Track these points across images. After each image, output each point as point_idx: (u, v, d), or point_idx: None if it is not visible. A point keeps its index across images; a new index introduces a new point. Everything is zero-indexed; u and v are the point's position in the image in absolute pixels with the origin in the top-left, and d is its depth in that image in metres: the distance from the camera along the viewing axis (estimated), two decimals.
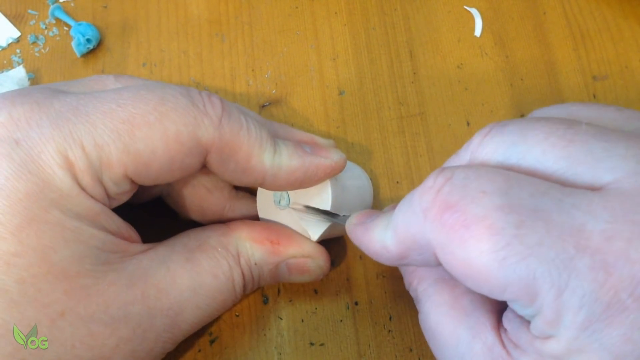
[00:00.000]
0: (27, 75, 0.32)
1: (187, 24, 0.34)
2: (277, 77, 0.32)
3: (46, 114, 0.21)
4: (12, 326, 0.19)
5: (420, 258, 0.20)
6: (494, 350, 0.19)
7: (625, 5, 0.33)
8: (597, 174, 0.17)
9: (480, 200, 0.17)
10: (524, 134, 0.19)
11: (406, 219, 0.20)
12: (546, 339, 0.17)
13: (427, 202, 0.19)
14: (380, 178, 0.30)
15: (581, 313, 0.16)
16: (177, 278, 0.23)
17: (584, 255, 0.16)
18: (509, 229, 0.17)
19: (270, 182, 0.24)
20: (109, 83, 0.24)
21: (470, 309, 0.21)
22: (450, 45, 0.33)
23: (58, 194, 0.20)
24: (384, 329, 0.27)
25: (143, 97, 0.22)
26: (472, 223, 0.17)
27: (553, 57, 0.33)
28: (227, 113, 0.23)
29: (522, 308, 0.17)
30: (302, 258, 0.26)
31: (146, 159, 0.21)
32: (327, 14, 0.34)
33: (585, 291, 0.16)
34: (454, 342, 0.21)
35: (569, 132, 0.18)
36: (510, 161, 0.19)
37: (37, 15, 0.34)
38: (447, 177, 0.19)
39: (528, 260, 0.16)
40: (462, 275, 0.18)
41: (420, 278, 0.23)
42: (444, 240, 0.18)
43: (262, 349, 0.27)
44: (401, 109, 0.31)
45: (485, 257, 0.17)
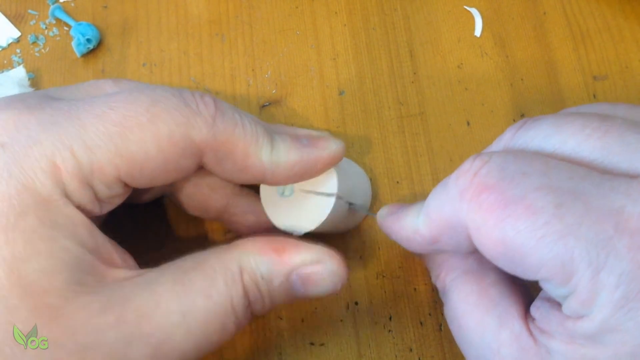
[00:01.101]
0: (27, 75, 0.32)
1: (187, 24, 0.34)
2: (277, 77, 0.32)
3: (36, 118, 0.20)
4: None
5: (452, 242, 0.20)
6: (521, 339, 0.19)
7: (625, 5, 0.33)
8: (633, 164, 0.18)
9: (519, 181, 0.18)
10: (558, 125, 0.19)
11: (440, 201, 0.20)
12: (578, 319, 0.17)
13: (464, 183, 0.19)
14: (380, 178, 0.30)
15: (618, 292, 0.16)
16: (162, 301, 0.20)
17: (622, 235, 0.16)
18: (548, 209, 0.17)
19: (270, 178, 0.23)
20: (107, 88, 0.24)
21: (498, 299, 0.21)
22: (450, 45, 0.33)
23: (37, 199, 0.19)
24: (384, 329, 0.27)
25: (135, 99, 0.21)
26: (511, 203, 0.17)
27: (553, 57, 0.33)
28: (221, 112, 0.22)
29: (555, 288, 0.18)
30: (312, 265, 0.23)
31: (139, 161, 0.21)
32: (327, 14, 0.34)
33: (623, 270, 0.16)
34: (481, 332, 0.21)
35: (605, 124, 0.19)
36: (546, 152, 0.19)
37: (37, 15, 0.34)
38: (485, 160, 0.19)
39: (567, 239, 0.17)
40: (496, 255, 0.18)
41: (449, 269, 0.23)
42: (480, 220, 0.18)
43: (262, 349, 0.27)
44: (401, 109, 0.31)
45: (523, 235, 0.17)
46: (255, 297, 0.22)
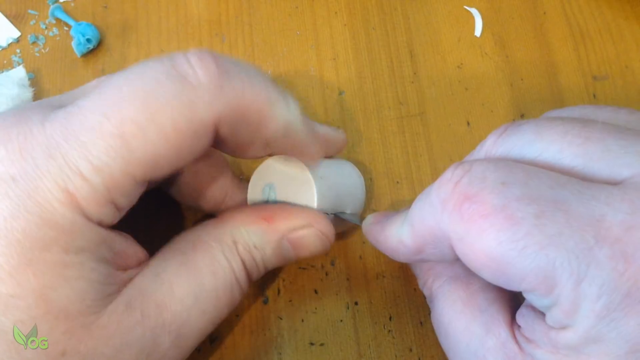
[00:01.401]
0: (27, 75, 0.32)
1: (187, 24, 0.34)
2: (277, 77, 0.32)
3: (38, 144, 0.20)
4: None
5: (436, 252, 0.20)
6: (506, 346, 0.19)
7: (625, 5, 0.33)
8: (614, 170, 0.18)
9: (499, 191, 0.17)
10: (540, 132, 0.19)
11: (423, 212, 0.20)
12: (562, 330, 0.17)
13: (445, 193, 0.19)
14: (380, 178, 0.30)
15: (600, 302, 0.16)
16: (175, 287, 0.22)
17: (603, 245, 0.16)
18: (528, 219, 0.17)
19: (284, 138, 0.22)
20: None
21: (485, 305, 0.21)
22: (450, 45, 0.33)
23: (59, 231, 0.19)
24: (384, 329, 0.27)
25: (126, 97, 0.20)
26: (492, 213, 0.17)
27: (553, 57, 0.33)
28: (226, 73, 0.20)
29: (538, 299, 0.18)
30: (301, 229, 0.24)
31: (151, 162, 0.20)
32: (327, 14, 0.34)
33: (604, 280, 0.16)
34: (467, 338, 0.21)
35: (585, 130, 0.18)
36: (527, 159, 0.19)
37: (37, 15, 0.34)
38: (466, 169, 0.19)
39: (547, 249, 0.16)
40: (479, 266, 0.18)
41: (436, 276, 0.23)
42: (461, 231, 0.18)
43: (262, 349, 0.27)
44: (401, 109, 0.31)
45: (505, 246, 0.17)
46: (252, 265, 0.24)
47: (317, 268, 0.28)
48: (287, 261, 0.25)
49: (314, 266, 0.28)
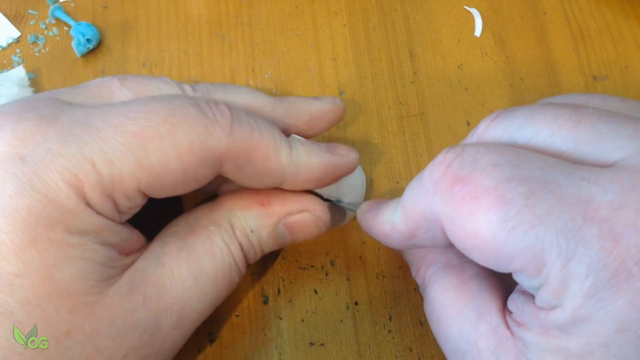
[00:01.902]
0: (27, 75, 0.32)
1: (187, 24, 0.34)
2: (277, 77, 0.32)
3: (53, 130, 0.20)
4: (18, 348, 0.19)
5: (428, 236, 0.20)
6: (498, 331, 0.20)
7: (625, 5, 0.33)
8: (604, 154, 0.18)
9: (490, 173, 0.18)
10: (531, 117, 0.19)
11: (415, 195, 0.20)
12: (551, 310, 0.17)
13: (437, 176, 0.19)
14: (380, 178, 0.30)
15: (587, 281, 0.16)
16: (175, 270, 0.22)
17: (592, 224, 0.16)
18: (518, 199, 0.17)
19: (291, 180, 0.23)
20: (114, 88, 0.24)
21: (477, 292, 0.21)
22: (450, 45, 0.33)
23: (63, 211, 0.20)
24: (384, 329, 0.27)
25: (153, 109, 0.21)
26: (482, 194, 0.17)
27: (553, 57, 0.33)
28: (237, 119, 0.22)
29: (528, 279, 0.18)
30: (297, 214, 0.25)
31: (159, 172, 0.21)
32: (327, 14, 0.34)
33: (592, 259, 0.16)
34: (459, 324, 0.21)
35: (576, 114, 0.19)
36: (519, 143, 0.19)
37: (37, 15, 0.34)
38: (458, 152, 0.19)
39: (537, 229, 0.17)
40: (469, 248, 0.18)
41: (429, 264, 0.24)
42: (452, 212, 0.18)
43: (262, 349, 0.27)
44: (401, 109, 0.31)
45: (495, 226, 0.17)
46: (248, 249, 0.24)
47: (317, 268, 0.28)
48: (283, 245, 0.26)
49: (314, 266, 0.28)
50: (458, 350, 0.21)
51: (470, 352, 0.20)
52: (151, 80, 0.24)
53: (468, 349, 0.20)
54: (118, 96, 0.23)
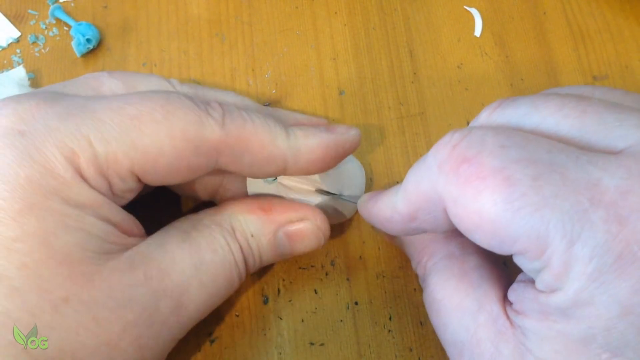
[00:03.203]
0: (27, 75, 0.32)
1: (187, 24, 0.34)
2: (277, 77, 0.32)
3: (53, 109, 0.21)
4: (14, 314, 0.19)
5: (429, 217, 0.20)
6: (497, 321, 0.20)
7: (625, 5, 0.33)
8: (611, 143, 0.18)
9: (499, 154, 0.18)
10: (536, 106, 0.19)
11: (418, 175, 0.20)
12: (552, 293, 0.17)
13: (442, 156, 0.19)
14: (380, 178, 0.30)
15: (592, 264, 0.16)
16: (177, 258, 0.22)
17: (598, 208, 0.16)
18: (525, 181, 0.17)
19: (293, 165, 0.24)
20: (103, 80, 0.25)
21: (478, 282, 0.21)
22: (450, 45, 0.33)
23: (60, 181, 0.20)
24: (384, 329, 0.27)
25: (150, 98, 0.22)
26: (489, 175, 0.17)
27: (553, 57, 0.33)
28: (229, 112, 0.23)
29: (529, 262, 0.18)
30: (297, 222, 0.25)
31: (153, 156, 0.21)
32: (327, 14, 0.34)
33: (597, 242, 0.16)
34: (459, 314, 0.21)
35: (582, 104, 0.19)
36: (524, 130, 0.19)
37: (37, 15, 0.34)
38: (465, 133, 0.19)
39: (542, 211, 0.17)
40: (472, 228, 0.18)
41: (430, 254, 0.24)
42: (457, 192, 0.18)
43: (262, 349, 0.27)
44: (401, 109, 0.31)
45: (500, 207, 0.17)
46: (248, 253, 0.24)
47: (317, 268, 0.28)
48: (282, 256, 0.26)
49: (314, 266, 0.28)
50: (457, 340, 0.21)
51: (470, 342, 0.20)
52: (139, 74, 0.26)
53: (467, 339, 0.20)
54: (108, 85, 0.24)
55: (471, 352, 0.20)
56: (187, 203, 0.30)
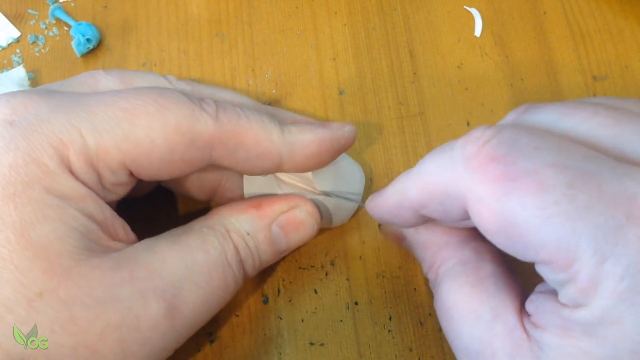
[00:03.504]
0: (27, 75, 0.32)
1: (187, 24, 0.34)
2: (277, 77, 0.32)
3: (45, 102, 0.21)
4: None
5: (440, 209, 0.20)
6: (514, 333, 0.19)
7: (625, 5, 0.33)
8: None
9: (531, 155, 0.17)
10: (567, 112, 0.19)
11: (439, 165, 0.19)
12: (576, 308, 0.17)
13: (471, 151, 0.18)
14: (380, 178, 0.30)
15: (623, 283, 0.15)
16: (167, 258, 0.22)
17: (634, 224, 0.15)
18: (559, 187, 0.16)
19: (288, 160, 0.23)
20: (100, 77, 0.25)
21: (494, 290, 0.20)
22: (450, 45, 0.33)
23: (43, 170, 0.20)
24: (384, 329, 0.27)
25: (143, 92, 0.22)
26: (521, 176, 0.17)
27: (553, 57, 0.33)
28: (222, 108, 0.23)
29: (552, 272, 0.17)
30: (289, 212, 0.25)
31: (146, 148, 0.21)
32: (327, 14, 0.34)
33: (631, 261, 0.15)
34: (472, 323, 0.20)
35: (615, 113, 0.18)
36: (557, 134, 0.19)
37: (37, 15, 0.34)
38: (497, 130, 0.18)
39: (575, 222, 0.16)
40: (494, 230, 0.18)
41: (443, 259, 0.23)
42: (482, 191, 0.17)
43: (262, 349, 0.27)
44: (401, 109, 0.31)
45: (529, 212, 0.16)
46: (246, 254, 0.24)
47: (317, 268, 0.28)
48: (279, 253, 0.25)
49: (314, 266, 0.28)
50: (470, 350, 0.20)
51: (484, 353, 0.19)
52: (136, 72, 0.26)
53: (481, 349, 0.19)
54: (104, 83, 0.24)
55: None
56: (184, 206, 0.30)
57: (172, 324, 0.21)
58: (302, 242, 0.26)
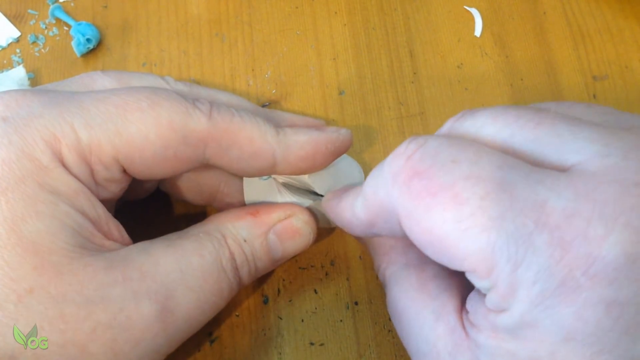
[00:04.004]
0: (27, 75, 0.32)
1: (187, 24, 0.34)
2: (277, 77, 0.32)
3: (38, 99, 0.21)
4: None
5: (387, 226, 0.20)
6: (455, 332, 0.19)
7: (625, 5, 0.33)
8: (563, 156, 0.17)
9: (449, 169, 0.17)
10: (494, 117, 0.19)
11: (375, 184, 0.20)
12: (500, 312, 0.17)
13: (396, 167, 0.19)
14: None
15: (535, 288, 0.16)
16: (161, 260, 0.21)
17: (542, 231, 0.16)
18: (474, 200, 0.17)
19: (282, 161, 0.23)
20: (96, 78, 0.25)
21: (436, 293, 0.21)
22: (450, 45, 0.33)
23: (36, 164, 0.20)
24: (384, 329, 0.27)
25: (137, 89, 0.22)
26: (439, 191, 0.17)
27: (553, 57, 0.33)
28: (216, 107, 0.23)
29: (478, 280, 0.18)
30: (285, 220, 0.25)
31: (139, 144, 0.21)
32: (327, 14, 0.34)
33: (540, 267, 0.16)
34: (419, 325, 0.21)
35: (538, 116, 0.18)
36: (482, 142, 0.19)
37: (37, 15, 0.34)
38: (420, 143, 0.19)
39: (489, 232, 0.16)
40: (424, 243, 0.18)
41: (390, 262, 0.23)
42: (409, 207, 0.18)
43: (262, 349, 0.27)
44: (401, 109, 0.31)
45: (449, 225, 0.17)
46: (242, 260, 0.24)
47: (317, 268, 0.28)
48: (275, 262, 0.25)
49: (314, 266, 0.28)
50: (419, 351, 0.21)
51: (430, 354, 0.20)
52: (134, 73, 0.26)
53: (428, 351, 0.20)
54: (100, 82, 0.24)
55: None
56: (182, 212, 0.30)
57: (164, 327, 0.21)
58: (298, 251, 0.26)
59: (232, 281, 0.23)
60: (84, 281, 0.19)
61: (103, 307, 0.20)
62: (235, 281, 0.24)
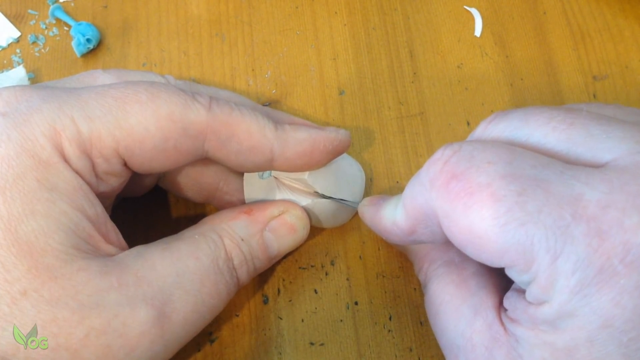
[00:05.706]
0: (27, 75, 0.32)
1: (187, 24, 0.34)
2: (277, 77, 0.32)
3: (37, 94, 0.21)
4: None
5: (427, 231, 0.21)
6: (492, 327, 0.20)
7: (625, 5, 0.33)
8: (597, 155, 0.18)
9: (485, 170, 0.18)
10: (526, 119, 0.20)
11: (414, 191, 0.21)
12: (540, 305, 0.18)
13: (434, 172, 0.19)
14: (380, 178, 0.30)
15: (574, 278, 0.17)
16: (157, 265, 0.21)
17: (579, 222, 0.17)
18: (510, 197, 0.17)
19: (280, 156, 0.24)
20: (97, 75, 0.25)
21: (475, 289, 0.22)
22: (450, 45, 0.33)
23: (36, 160, 0.20)
24: (384, 329, 0.27)
25: (135, 83, 0.22)
26: (476, 191, 0.18)
27: (553, 57, 0.33)
28: (215, 100, 0.23)
29: (518, 275, 0.18)
30: (280, 216, 0.25)
31: (139, 136, 0.21)
32: (327, 14, 0.34)
33: (579, 256, 0.17)
34: (456, 320, 0.21)
35: (570, 116, 0.19)
36: (515, 144, 0.20)
37: (37, 15, 0.34)
38: (455, 149, 0.19)
39: (527, 226, 0.17)
40: (463, 242, 0.19)
41: (431, 261, 0.24)
42: (448, 208, 0.19)
43: (262, 349, 0.27)
44: (401, 109, 0.31)
45: (487, 222, 0.18)
46: (240, 260, 0.24)
47: (317, 268, 0.28)
48: (271, 257, 0.25)
49: (314, 266, 0.28)
50: (453, 344, 0.21)
51: (465, 347, 0.21)
52: (134, 71, 0.26)
53: (463, 344, 0.21)
54: (101, 80, 0.24)
55: (466, 357, 0.21)
56: (180, 212, 0.30)
57: (161, 332, 0.21)
58: (293, 247, 0.26)
59: (230, 282, 0.23)
60: (77, 286, 0.19)
61: (97, 313, 0.19)
62: (233, 282, 0.24)
